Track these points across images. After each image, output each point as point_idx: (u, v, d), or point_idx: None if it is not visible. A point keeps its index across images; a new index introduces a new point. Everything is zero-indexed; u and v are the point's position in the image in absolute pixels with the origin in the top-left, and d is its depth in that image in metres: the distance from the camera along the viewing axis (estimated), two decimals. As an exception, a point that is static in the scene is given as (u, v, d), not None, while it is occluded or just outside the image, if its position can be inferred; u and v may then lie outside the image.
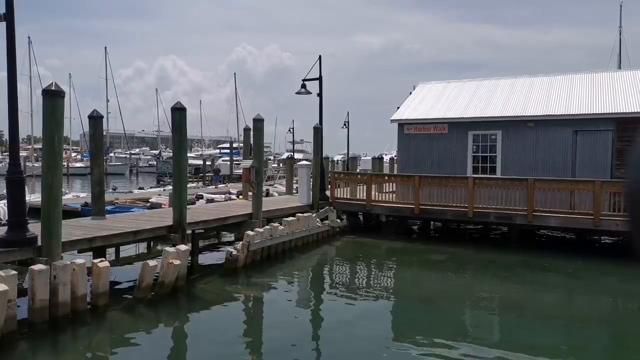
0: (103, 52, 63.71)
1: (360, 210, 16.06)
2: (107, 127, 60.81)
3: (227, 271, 10.65)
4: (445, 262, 12.62)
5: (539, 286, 10.66)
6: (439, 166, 16.44)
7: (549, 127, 15.16)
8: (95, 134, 11.51)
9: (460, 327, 8.01)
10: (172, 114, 10.37)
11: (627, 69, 21.46)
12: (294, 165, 20.89)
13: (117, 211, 14.84)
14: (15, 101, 7.86)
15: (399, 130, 17.42)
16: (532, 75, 18.02)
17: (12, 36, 7.73)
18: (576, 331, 7.92)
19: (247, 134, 18.10)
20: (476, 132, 16.10)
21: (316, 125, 16.63)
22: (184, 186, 10.64)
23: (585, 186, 12.90)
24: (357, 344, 6.93)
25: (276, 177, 33.82)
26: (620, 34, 43.17)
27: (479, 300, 9.60)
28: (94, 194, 11.44)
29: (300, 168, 16.61)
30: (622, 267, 11.19)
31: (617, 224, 12.11)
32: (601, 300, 9.89)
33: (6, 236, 7.55)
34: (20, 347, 6.51)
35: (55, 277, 7.19)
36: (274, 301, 9.33)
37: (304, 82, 17.02)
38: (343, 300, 9.40)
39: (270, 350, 6.80)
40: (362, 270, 12.44)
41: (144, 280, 8.44)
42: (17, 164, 8.03)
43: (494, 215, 13.82)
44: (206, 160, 42.01)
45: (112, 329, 7.46)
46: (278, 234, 12.19)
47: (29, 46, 52.79)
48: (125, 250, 12.34)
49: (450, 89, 18.76)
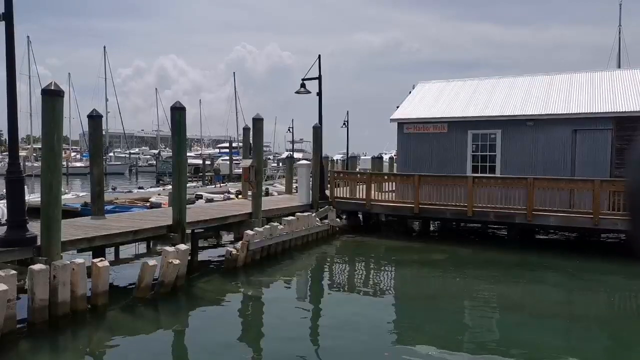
0: (102, 51, 63.75)
1: (360, 209, 16.05)
2: (107, 126, 60.95)
3: (226, 271, 10.65)
4: (444, 262, 12.62)
5: (539, 285, 10.67)
6: (438, 165, 16.44)
7: (548, 126, 15.17)
8: (94, 134, 11.50)
9: (460, 326, 8.01)
10: (172, 113, 10.37)
11: (627, 68, 21.47)
12: (293, 164, 20.88)
13: (116, 211, 14.85)
14: (14, 101, 7.86)
15: (399, 129, 17.43)
16: (532, 75, 18.03)
17: (11, 36, 7.73)
18: (576, 330, 7.92)
19: (247, 134, 18.09)
20: (476, 132, 16.11)
21: (316, 125, 16.63)
22: (184, 186, 10.63)
23: (585, 185, 12.91)
24: (357, 343, 6.93)
25: (276, 177, 33.84)
26: (620, 33, 43.14)
27: (479, 299, 9.61)
28: (93, 193, 11.43)
29: (299, 167, 16.60)
30: (622, 265, 11.19)
31: (616, 222, 12.12)
32: (601, 299, 9.90)
33: (6, 236, 7.55)
34: (20, 346, 6.51)
35: (54, 277, 7.18)
36: (274, 300, 9.32)
37: (304, 82, 17.01)
38: (343, 300, 9.41)
39: (270, 349, 6.80)
40: (361, 269, 12.44)
41: (144, 279, 8.44)
42: (17, 163, 8.03)
43: (494, 215, 13.83)
44: (205, 159, 41.96)
45: (111, 329, 7.46)
46: (278, 233, 12.19)
47: (28, 46, 52.73)
48: (125, 249, 12.34)
49: (449, 88, 18.75)
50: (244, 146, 20.09)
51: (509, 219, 13.79)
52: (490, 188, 13.97)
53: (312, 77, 16.87)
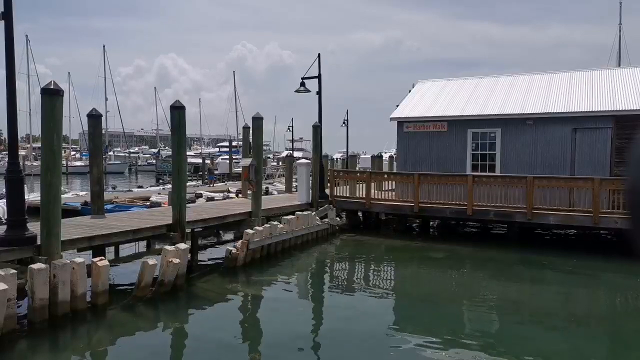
0: (102, 50, 63.75)
1: (360, 208, 16.05)
2: (106, 125, 60.94)
3: (226, 270, 10.65)
4: (444, 260, 12.63)
5: (538, 284, 10.67)
6: (438, 164, 16.44)
7: (548, 124, 15.16)
8: (94, 133, 11.50)
9: (460, 324, 8.02)
10: (171, 112, 10.36)
11: (627, 66, 21.46)
12: (293, 163, 20.87)
13: (116, 210, 14.84)
14: (14, 100, 7.85)
15: (399, 128, 17.42)
16: (532, 73, 18.03)
17: (11, 35, 7.72)
18: (575, 328, 7.92)
19: (247, 132, 18.09)
20: (475, 130, 16.10)
21: (315, 124, 16.62)
22: (183, 185, 10.63)
23: (585, 184, 12.91)
24: (357, 341, 6.93)
25: (275, 176, 33.79)
26: (620, 32, 43.11)
27: (478, 297, 9.61)
28: (93, 192, 11.43)
29: (299, 166, 16.60)
30: (621, 264, 11.20)
31: (616, 221, 12.12)
32: (601, 298, 9.91)
33: (6, 235, 7.54)
34: (20, 346, 6.51)
35: (54, 276, 7.18)
36: (274, 299, 9.32)
37: (303, 80, 17.00)
38: (343, 298, 9.41)
39: (270, 348, 6.80)
40: (361, 268, 12.44)
41: (144, 279, 8.43)
42: (16, 163, 8.02)
43: (494, 213, 13.83)
44: (205, 158, 41.96)
45: (111, 328, 7.46)
46: (277, 232, 12.19)
47: (27, 45, 52.60)
48: (125, 249, 12.34)
49: (449, 86, 18.75)
50: (244, 145, 20.09)
51: (508, 218, 13.79)
52: (490, 187, 13.97)
53: (312, 76, 16.87)
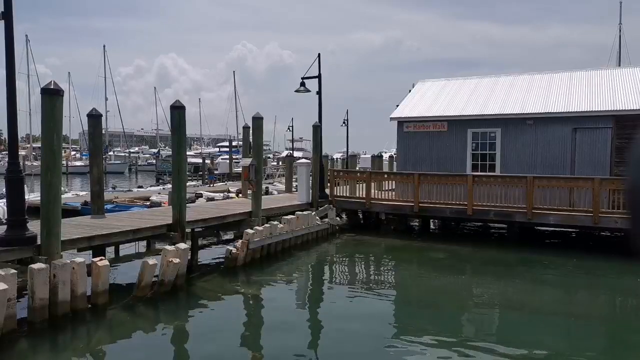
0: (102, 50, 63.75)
1: (360, 208, 16.05)
2: (106, 125, 60.92)
3: (226, 269, 10.65)
4: (444, 260, 12.63)
5: (538, 283, 10.66)
6: (438, 164, 16.44)
7: (548, 124, 15.16)
8: (94, 133, 11.49)
9: (460, 324, 8.02)
10: (171, 112, 10.35)
11: (627, 66, 21.45)
12: (293, 163, 20.87)
13: (116, 210, 14.84)
14: (14, 100, 7.84)
15: (399, 128, 17.42)
16: (531, 73, 18.02)
17: (11, 35, 7.71)
18: (576, 328, 7.93)
19: (247, 132, 18.09)
20: (475, 130, 16.10)
21: (315, 124, 16.61)
22: (184, 185, 10.63)
23: (585, 184, 12.90)
24: (357, 342, 6.93)
25: (275, 176, 33.79)
26: (620, 31, 43.10)
27: (478, 297, 9.61)
28: (93, 192, 11.43)
29: (299, 166, 16.59)
30: (621, 264, 11.20)
31: (616, 221, 12.12)
32: (601, 297, 9.91)
33: (6, 235, 7.54)
34: (20, 345, 6.50)
35: (54, 276, 7.19)
36: (274, 299, 9.32)
37: (303, 80, 17.00)
38: (343, 298, 9.41)
39: (270, 348, 6.80)
40: (361, 268, 12.44)
41: (144, 278, 8.43)
42: (16, 162, 8.02)
43: (494, 213, 13.82)
44: (205, 158, 41.97)
45: (111, 328, 7.46)
46: (277, 232, 12.19)
47: (27, 44, 52.58)
48: (125, 249, 12.34)
49: (449, 86, 18.74)
50: (244, 145, 20.09)
51: (508, 218, 13.79)
52: (490, 187, 13.97)
53: (312, 75, 16.86)
